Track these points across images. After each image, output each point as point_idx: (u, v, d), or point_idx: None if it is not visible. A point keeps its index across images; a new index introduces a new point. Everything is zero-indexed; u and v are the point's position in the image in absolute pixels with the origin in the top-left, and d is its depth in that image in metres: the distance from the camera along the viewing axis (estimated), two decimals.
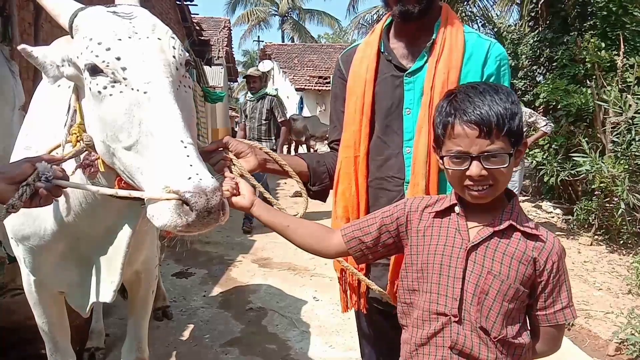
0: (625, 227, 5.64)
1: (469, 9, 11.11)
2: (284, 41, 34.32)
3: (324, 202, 1.72)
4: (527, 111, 6.05)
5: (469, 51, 1.49)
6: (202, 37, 12.09)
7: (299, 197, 8.51)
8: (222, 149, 1.44)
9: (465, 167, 1.15)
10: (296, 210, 1.57)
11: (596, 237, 6.07)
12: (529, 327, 1.25)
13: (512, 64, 8.93)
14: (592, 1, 7.51)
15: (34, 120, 1.76)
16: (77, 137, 1.36)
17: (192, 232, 1.14)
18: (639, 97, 5.29)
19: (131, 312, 2.24)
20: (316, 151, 12.19)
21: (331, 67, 20.20)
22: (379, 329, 1.71)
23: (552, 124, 6.13)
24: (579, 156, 5.69)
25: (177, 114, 1.19)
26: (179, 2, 9.85)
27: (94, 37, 1.24)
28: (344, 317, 3.56)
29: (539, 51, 8.31)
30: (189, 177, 1.10)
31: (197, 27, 11.42)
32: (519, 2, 9.45)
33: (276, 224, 1.36)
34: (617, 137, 5.65)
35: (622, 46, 6.25)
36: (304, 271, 4.83)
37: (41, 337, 2.01)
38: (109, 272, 1.62)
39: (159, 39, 1.28)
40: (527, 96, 8.39)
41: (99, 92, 1.22)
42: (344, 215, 1.58)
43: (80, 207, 1.52)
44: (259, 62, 26.03)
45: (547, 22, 8.30)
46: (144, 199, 1.20)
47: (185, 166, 1.12)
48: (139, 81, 1.20)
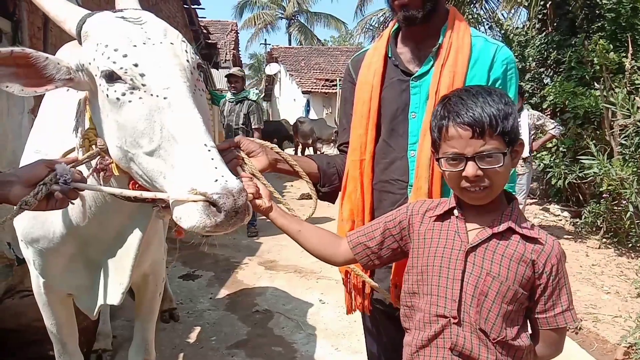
0: (633, 230, 5.60)
1: (475, 11, 11.08)
2: (290, 44, 34.39)
3: (333, 203, 1.74)
4: (535, 114, 6.03)
5: (475, 55, 1.49)
6: (209, 41, 12.15)
7: (305, 200, 8.51)
8: (234, 147, 1.45)
9: (461, 169, 1.17)
10: (303, 212, 1.58)
11: (604, 240, 6.04)
12: (531, 330, 1.25)
13: (520, 67, 8.89)
14: (601, 3, 7.49)
15: (44, 123, 1.78)
16: (90, 141, 1.38)
17: (219, 232, 1.16)
18: None
19: (138, 314, 2.26)
20: (323, 154, 12.20)
21: (338, 69, 20.22)
22: (384, 331, 1.71)
23: (560, 127, 6.11)
24: (587, 159, 5.66)
25: (199, 118, 1.21)
26: (186, 6, 9.91)
27: (109, 43, 1.24)
28: (350, 320, 3.56)
29: (546, 53, 8.28)
30: (216, 180, 1.12)
31: (205, 31, 11.48)
32: (527, 5, 9.41)
33: (289, 228, 1.39)
34: (625, 140, 5.62)
35: (631, 48, 6.21)
36: (310, 274, 4.83)
37: (49, 338, 2.03)
38: (117, 274, 1.63)
39: (172, 43, 1.30)
40: (534, 99, 8.36)
41: (118, 99, 1.23)
42: (350, 217, 1.59)
43: (90, 210, 1.53)
44: (266, 65, 26.12)
45: (555, 24, 8.27)
46: (152, 202, 1.21)
47: (211, 169, 1.14)
48: (158, 87, 1.21)
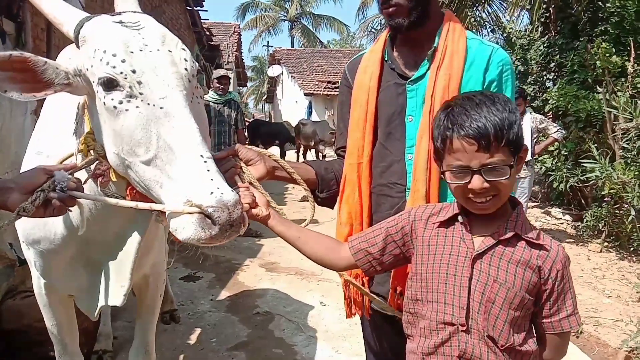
0: (635, 234, 5.58)
1: (478, 14, 11.09)
2: (293, 46, 34.44)
3: (332, 208, 1.73)
4: (537, 117, 6.03)
5: (471, 58, 1.49)
6: (212, 42, 12.20)
7: (306, 202, 8.48)
8: (232, 156, 1.45)
9: (466, 181, 1.16)
10: (304, 215, 1.59)
11: (606, 243, 6.03)
12: (535, 335, 1.25)
13: (522, 70, 8.91)
14: (604, 6, 7.49)
15: (45, 125, 1.78)
16: (88, 146, 1.38)
17: (214, 244, 1.16)
18: None
19: (139, 316, 2.26)
20: (324, 156, 12.18)
21: (340, 72, 20.15)
22: (383, 334, 1.71)
23: (563, 131, 6.10)
24: (589, 162, 5.65)
25: (195, 129, 1.21)
26: (189, 8, 9.94)
27: (107, 49, 1.23)
28: (350, 323, 3.55)
29: (548, 57, 8.28)
30: (211, 192, 1.12)
31: (207, 32, 11.52)
32: (529, 8, 9.42)
33: (288, 235, 1.38)
34: (627, 143, 5.61)
35: (633, 51, 6.21)
36: (311, 276, 4.83)
37: (50, 339, 2.03)
38: (118, 276, 1.64)
39: (170, 51, 1.29)
40: (536, 102, 8.35)
41: (115, 107, 1.22)
42: (348, 221, 1.59)
43: (90, 214, 1.54)
44: (269, 67, 26.13)
45: (558, 27, 8.27)
46: (154, 210, 1.22)
47: (206, 181, 1.14)
48: (154, 96, 1.21)
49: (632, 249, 5.72)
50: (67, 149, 1.52)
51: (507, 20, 11.29)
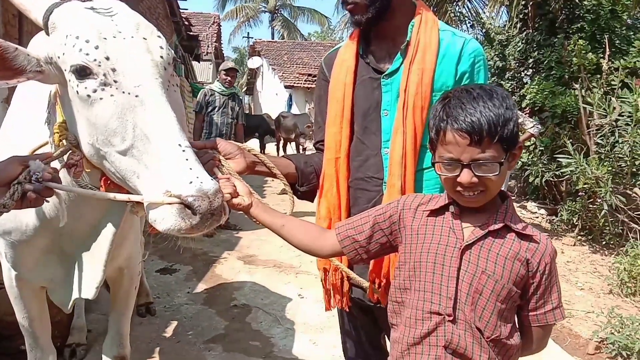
0: (607, 228, 5.72)
1: (458, 9, 11.15)
2: (273, 38, 34.21)
3: (312, 202, 1.73)
4: None
5: (443, 50, 1.49)
6: (191, 33, 12.03)
7: (285, 195, 8.46)
8: (210, 149, 1.43)
9: (456, 174, 1.16)
10: (283, 207, 1.58)
11: (579, 237, 6.16)
12: (519, 327, 1.26)
13: (500, 66, 9.00)
14: (580, 4, 7.60)
15: (17, 113, 1.73)
16: (60, 136, 1.34)
17: (195, 234, 1.15)
18: (623, 100, 5.36)
19: (113, 308, 2.23)
20: (305, 149, 12.16)
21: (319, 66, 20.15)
22: (361, 324, 1.72)
23: (539, 126, 6.20)
24: (564, 157, 5.76)
25: (172, 117, 1.19)
26: None
27: (79, 35, 1.19)
28: (328, 315, 3.54)
29: (526, 53, 8.39)
30: (190, 181, 1.10)
31: (186, 22, 11.35)
32: (508, 4, 9.51)
33: (273, 223, 1.37)
34: (602, 139, 5.73)
35: (608, 49, 6.32)
36: (289, 268, 4.83)
37: (21, 332, 1.99)
38: (92, 268, 1.61)
39: (145, 38, 1.26)
40: (514, 97, 8.46)
41: (88, 95, 1.19)
42: (327, 215, 1.59)
43: (63, 204, 1.51)
44: (249, 59, 25.92)
45: (535, 24, 8.37)
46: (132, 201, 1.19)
47: (185, 170, 1.12)
48: (129, 84, 1.18)
49: (604, 243, 5.86)
50: (39, 137, 1.48)
51: (486, 16, 11.40)
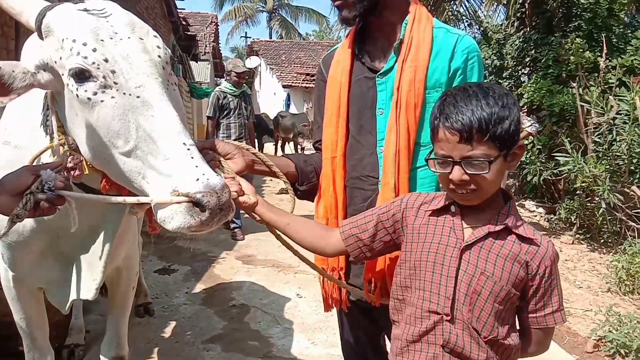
0: (605, 226, 5.73)
1: (455, 8, 11.15)
2: (271, 38, 34.18)
3: (312, 201, 1.73)
4: None
5: (437, 47, 1.49)
6: (189, 32, 12.01)
7: (284, 195, 8.47)
8: (209, 150, 1.41)
9: (448, 171, 1.16)
10: (282, 207, 1.58)
11: (577, 235, 6.16)
12: (519, 329, 1.26)
13: (498, 64, 9.00)
14: (578, 2, 7.60)
15: (12, 113, 1.72)
16: (60, 140, 1.34)
17: (204, 231, 1.15)
18: (621, 98, 5.36)
19: (111, 309, 2.23)
20: (303, 148, 12.16)
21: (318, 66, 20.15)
22: (359, 325, 1.72)
23: (537, 125, 6.20)
24: (562, 156, 5.76)
25: (175, 116, 1.19)
26: None
27: (76, 38, 1.19)
28: (326, 314, 3.53)
29: (524, 51, 8.38)
30: (197, 179, 1.11)
31: (184, 22, 11.33)
32: (505, 3, 9.51)
33: (278, 222, 1.38)
34: (599, 138, 5.73)
35: (605, 48, 6.33)
36: (288, 268, 4.83)
37: (19, 333, 1.98)
38: (90, 270, 1.61)
39: (141, 38, 1.26)
40: None
41: (89, 98, 1.18)
42: (324, 215, 1.59)
43: (74, 211, 1.50)
44: (246, 58, 25.90)
45: (533, 22, 8.38)
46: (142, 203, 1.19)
47: (191, 168, 1.13)
48: (129, 85, 1.18)
49: (602, 241, 5.87)
50: (35, 138, 1.47)
51: (483, 14, 11.40)
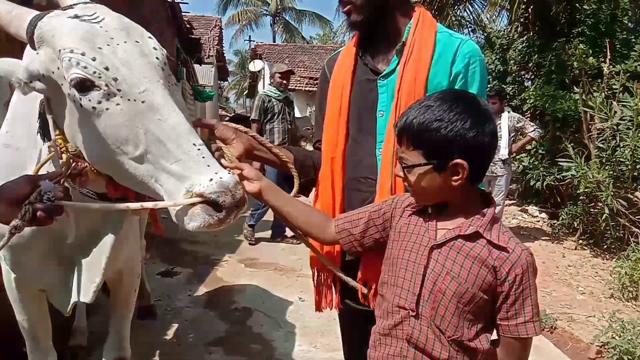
0: (609, 232, 5.71)
1: (459, 13, 11.16)
2: (275, 41, 34.25)
3: (307, 197, 1.75)
4: (515, 116, 6.11)
5: (439, 51, 1.49)
6: (193, 36, 12.04)
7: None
8: (211, 140, 1.44)
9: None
10: None
11: (580, 241, 6.14)
12: (496, 336, 1.25)
13: (501, 69, 9.00)
14: (581, 8, 7.61)
15: (13, 117, 1.72)
16: (61, 149, 1.33)
17: (221, 228, 1.17)
18: (624, 104, 5.35)
19: (113, 311, 2.23)
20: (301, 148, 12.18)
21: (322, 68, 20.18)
22: (359, 330, 1.71)
23: (540, 130, 6.19)
24: (565, 161, 5.75)
25: (182, 117, 1.19)
26: (169, 0, 9.80)
27: (74, 48, 1.18)
28: (329, 318, 3.55)
29: (527, 56, 8.39)
30: (211, 179, 1.12)
31: (188, 26, 11.36)
32: (509, 8, 9.52)
33: (281, 208, 1.42)
34: (603, 143, 5.72)
35: (609, 53, 6.32)
36: (290, 272, 4.83)
37: (21, 335, 1.99)
38: (90, 273, 1.61)
39: (137, 42, 1.25)
40: (515, 101, 8.46)
41: (94, 107, 1.18)
42: None
43: (72, 222, 1.50)
44: (250, 62, 25.92)
45: (536, 27, 8.38)
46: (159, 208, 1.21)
47: (204, 167, 1.14)
48: (133, 91, 1.18)
49: (605, 247, 5.84)
50: (35, 142, 1.48)
51: (487, 19, 11.41)
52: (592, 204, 6.00)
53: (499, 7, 10.42)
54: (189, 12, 12.37)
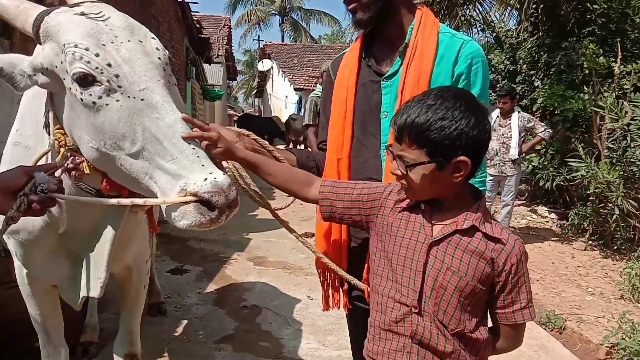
0: (619, 233, 5.67)
1: (468, 12, 11.11)
2: (283, 41, 34.31)
3: None
4: (525, 116, 6.08)
5: (441, 52, 1.50)
6: (202, 35, 12.09)
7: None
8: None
9: (392, 161, 1.24)
10: (286, 201, 1.61)
11: (590, 242, 6.10)
12: (491, 324, 1.30)
13: (511, 69, 8.97)
14: (591, 8, 7.55)
15: (23, 116, 1.75)
16: (59, 142, 1.36)
17: (213, 227, 1.18)
18: (635, 104, 5.31)
19: (123, 307, 2.25)
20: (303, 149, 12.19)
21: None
22: (367, 328, 1.72)
23: (549, 130, 6.16)
24: (575, 161, 5.72)
25: (179, 117, 1.21)
26: (179, 0, 9.85)
27: (78, 43, 1.21)
28: (337, 317, 3.57)
29: (537, 56, 8.34)
30: (205, 178, 1.13)
31: (197, 25, 11.41)
32: (518, 7, 9.46)
33: (259, 167, 1.38)
34: (613, 144, 5.68)
35: (620, 53, 6.28)
36: (299, 270, 4.84)
37: (35, 331, 2.02)
38: (95, 268, 1.63)
39: (141, 41, 1.28)
40: (525, 101, 8.42)
41: (94, 102, 1.21)
42: None
43: (64, 213, 1.53)
44: (259, 61, 26.00)
45: (546, 27, 8.33)
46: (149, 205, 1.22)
47: (198, 167, 1.15)
48: (133, 88, 1.20)
49: (615, 248, 5.80)
50: (42, 139, 1.50)
51: (497, 19, 11.34)
52: (602, 205, 5.96)
53: (508, 7, 10.35)
54: (198, 12, 12.41)
